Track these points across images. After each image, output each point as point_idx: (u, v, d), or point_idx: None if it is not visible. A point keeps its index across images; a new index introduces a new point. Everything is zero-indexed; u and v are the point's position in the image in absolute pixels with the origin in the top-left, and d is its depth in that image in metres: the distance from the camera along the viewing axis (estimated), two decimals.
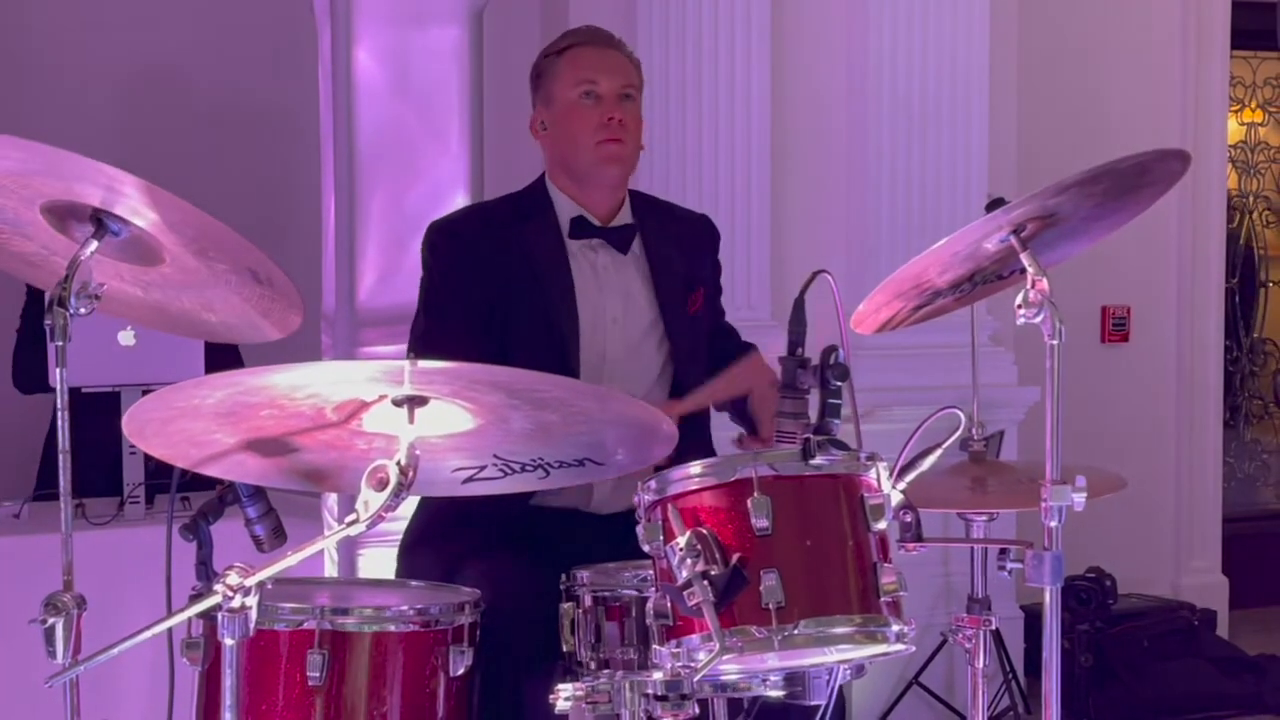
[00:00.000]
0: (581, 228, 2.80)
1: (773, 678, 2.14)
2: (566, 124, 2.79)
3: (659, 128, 4.09)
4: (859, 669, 2.17)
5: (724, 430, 2.81)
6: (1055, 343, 2.12)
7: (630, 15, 4.18)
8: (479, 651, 2.32)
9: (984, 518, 2.93)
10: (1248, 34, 5.81)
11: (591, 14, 4.10)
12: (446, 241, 2.80)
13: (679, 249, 2.89)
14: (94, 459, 3.40)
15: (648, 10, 4.22)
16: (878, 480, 2.09)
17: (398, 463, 1.76)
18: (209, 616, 1.86)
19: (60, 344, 1.97)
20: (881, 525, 2.06)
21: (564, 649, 2.35)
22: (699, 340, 2.90)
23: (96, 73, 5.29)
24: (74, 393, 2.07)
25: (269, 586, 1.80)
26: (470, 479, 2.06)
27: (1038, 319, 2.12)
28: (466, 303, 2.74)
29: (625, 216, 2.86)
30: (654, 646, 2.06)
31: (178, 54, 5.37)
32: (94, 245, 2.00)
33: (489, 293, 2.74)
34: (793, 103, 4.46)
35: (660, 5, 4.23)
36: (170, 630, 1.96)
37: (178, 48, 5.36)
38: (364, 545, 3.53)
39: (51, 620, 1.93)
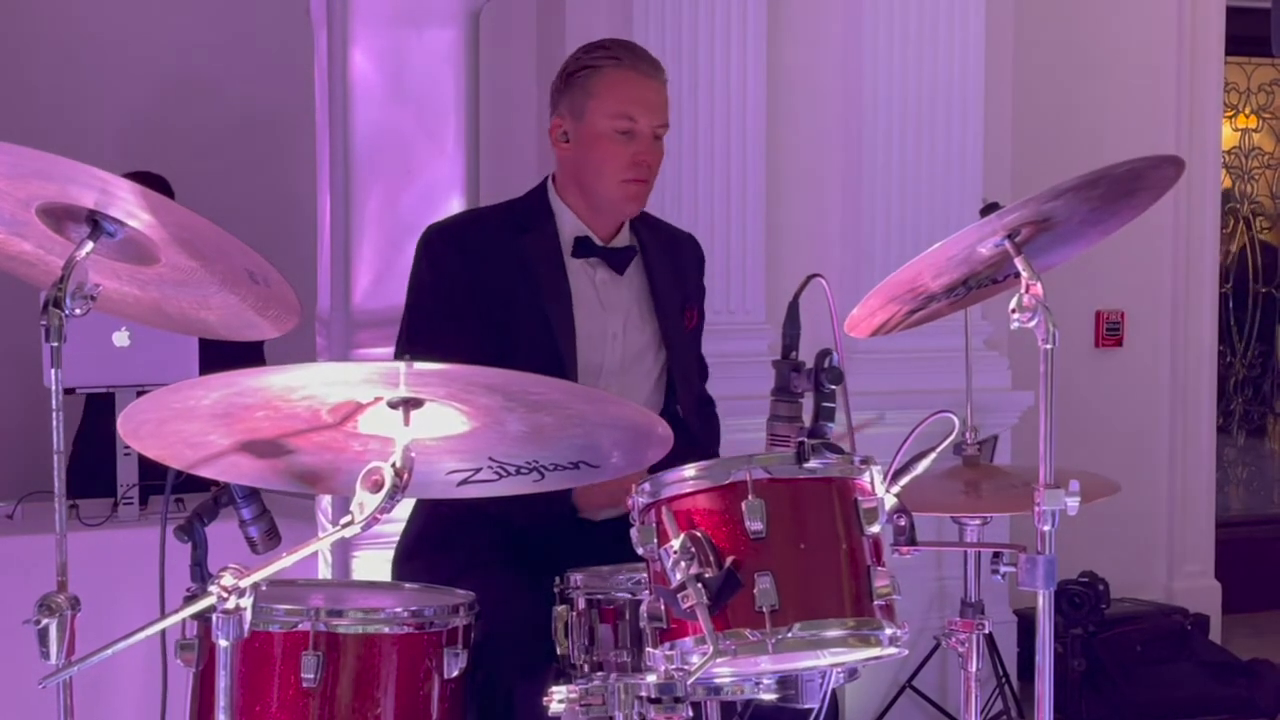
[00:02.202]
0: (584, 248, 2.79)
1: (766, 681, 2.14)
2: (594, 151, 2.73)
3: None
4: (852, 672, 2.18)
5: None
6: (1049, 347, 2.12)
7: (626, 17, 4.18)
8: (473, 654, 2.32)
9: (978, 521, 2.94)
10: (1242, 40, 5.82)
11: (588, 16, 4.12)
12: (445, 246, 2.78)
13: (674, 268, 2.90)
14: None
15: (644, 13, 4.22)
16: (872, 484, 2.09)
17: (393, 465, 1.77)
18: (203, 618, 1.87)
19: (55, 344, 1.97)
20: (875, 529, 2.06)
21: (557, 652, 2.35)
22: (694, 356, 2.94)
23: (95, 75, 5.29)
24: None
25: (263, 588, 1.80)
26: (465, 481, 2.07)
27: (1032, 323, 2.13)
28: (460, 309, 2.72)
29: (625, 236, 2.84)
30: (647, 649, 2.06)
31: (176, 56, 5.37)
32: (90, 246, 2.00)
33: (486, 301, 2.73)
34: (788, 106, 4.46)
35: (656, 8, 4.23)
36: (164, 631, 1.96)
37: (176, 50, 5.37)
38: (358, 547, 3.53)
39: (45, 621, 1.93)
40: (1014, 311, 2.13)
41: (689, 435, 2.77)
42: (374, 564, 3.41)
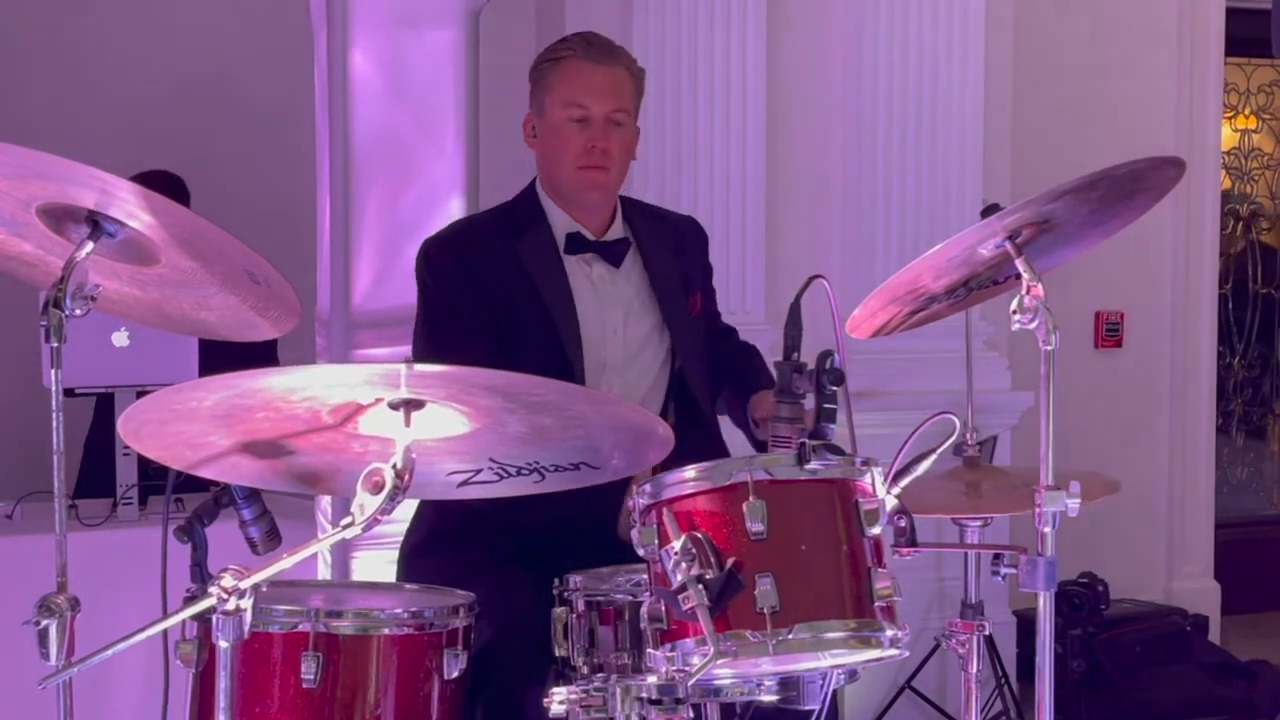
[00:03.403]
0: (577, 244, 2.80)
1: (767, 682, 2.14)
2: (551, 142, 2.78)
3: (654, 129, 4.09)
4: (852, 674, 2.18)
5: (735, 433, 2.82)
6: (1049, 348, 2.12)
7: (626, 16, 4.18)
8: (473, 655, 2.32)
9: (978, 523, 2.94)
10: (1242, 41, 5.83)
11: (587, 16, 4.12)
12: (443, 258, 2.79)
13: (673, 255, 2.90)
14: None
15: (644, 11, 4.22)
16: (872, 485, 2.09)
17: (393, 466, 1.77)
18: (203, 619, 1.86)
19: (55, 345, 1.97)
20: (876, 530, 2.06)
21: (557, 653, 2.35)
22: (701, 342, 2.92)
23: (98, 73, 5.29)
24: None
25: (264, 589, 1.80)
26: (465, 482, 2.06)
27: (1032, 325, 2.13)
28: (469, 318, 2.73)
29: (618, 229, 2.85)
30: (648, 650, 2.06)
31: (179, 54, 5.38)
32: (90, 246, 2.00)
33: (489, 307, 2.74)
34: (788, 106, 4.46)
35: (656, 6, 4.24)
36: (164, 632, 1.96)
37: (179, 49, 5.37)
38: (358, 548, 3.53)
39: (45, 622, 1.93)
40: (1015, 313, 2.13)
41: (706, 426, 2.77)
42: (374, 565, 3.41)
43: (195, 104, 5.36)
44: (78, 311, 1.99)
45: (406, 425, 1.81)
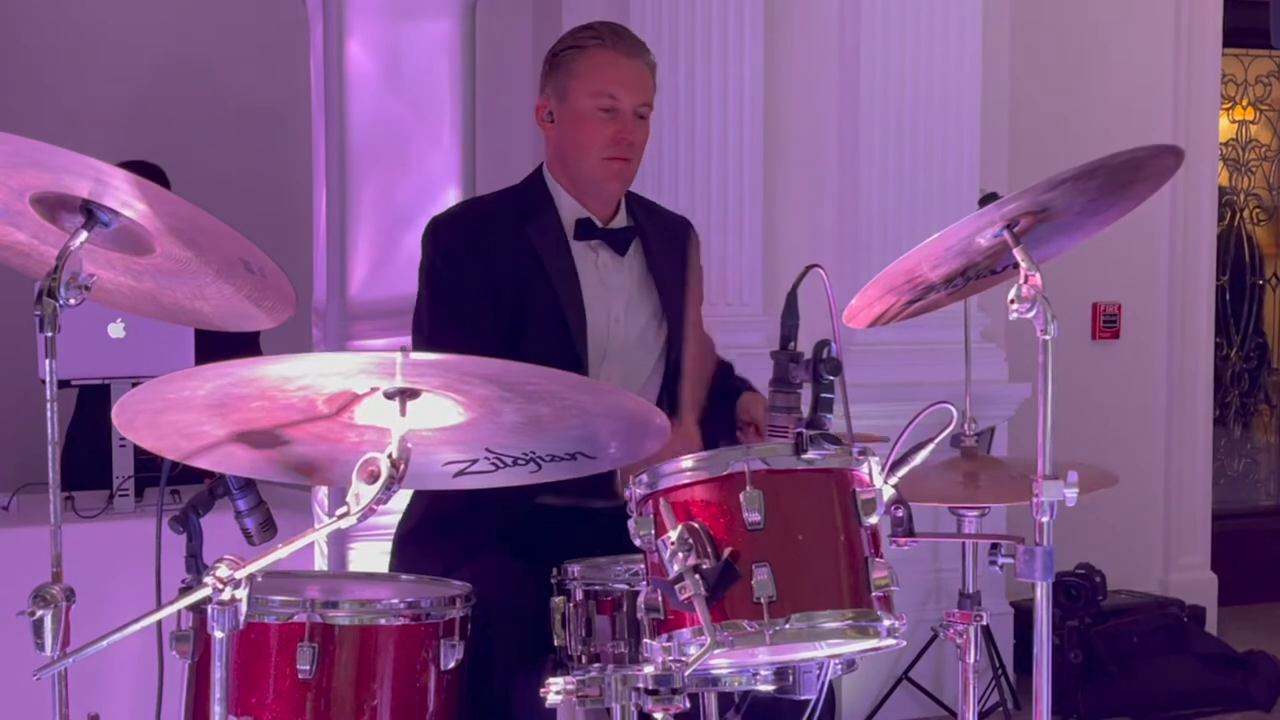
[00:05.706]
0: (585, 230, 2.80)
1: (764, 672, 2.14)
2: (576, 130, 2.76)
3: (653, 124, 4.08)
4: (850, 664, 2.17)
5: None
6: (1047, 338, 2.12)
7: (623, 11, 4.17)
8: (470, 645, 2.32)
9: (975, 513, 2.94)
10: (1240, 32, 5.82)
11: (584, 8, 4.11)
12: (451, 235, 2.78)
13: (670, 251, 2.91)
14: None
15: (640, 5, 4.21)
16: (870, 475, 2.09)
17: (389, 455, 1.76)
18: (199, 609, 1.86)
19: (50, 335, 1.96)
20: (873, 520, 2.06)
21: (555, 643, 2.35)
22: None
23: (91, 61, 5.28)
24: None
25: (259, 579, 1.79)
26: (461, 472, 2.06)
27: (1030, 314, 2.12)
28: (474, 296, 2.72)
29: (622, 219, 2.86)
30: (645, 640, 2.06)
31: (173, 43, 5.37)
32: (84, 235, 1.99)
33: (496, 287, 2.73)
34: (785, 98, 4.46)
35: (653, 1, 4.23)
36: (160, 623, 1.96)
37: (174, 37, 5.36)
38: (355, 539, 3.52)
39: (40, 612, 1.92)
40: (1012, 302, 2.13)
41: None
42: (370, 555, 3.41)
43: (186, 93, 5.36)
44: (72, 301, 1.99)
45: (402, 415, 1.80)
